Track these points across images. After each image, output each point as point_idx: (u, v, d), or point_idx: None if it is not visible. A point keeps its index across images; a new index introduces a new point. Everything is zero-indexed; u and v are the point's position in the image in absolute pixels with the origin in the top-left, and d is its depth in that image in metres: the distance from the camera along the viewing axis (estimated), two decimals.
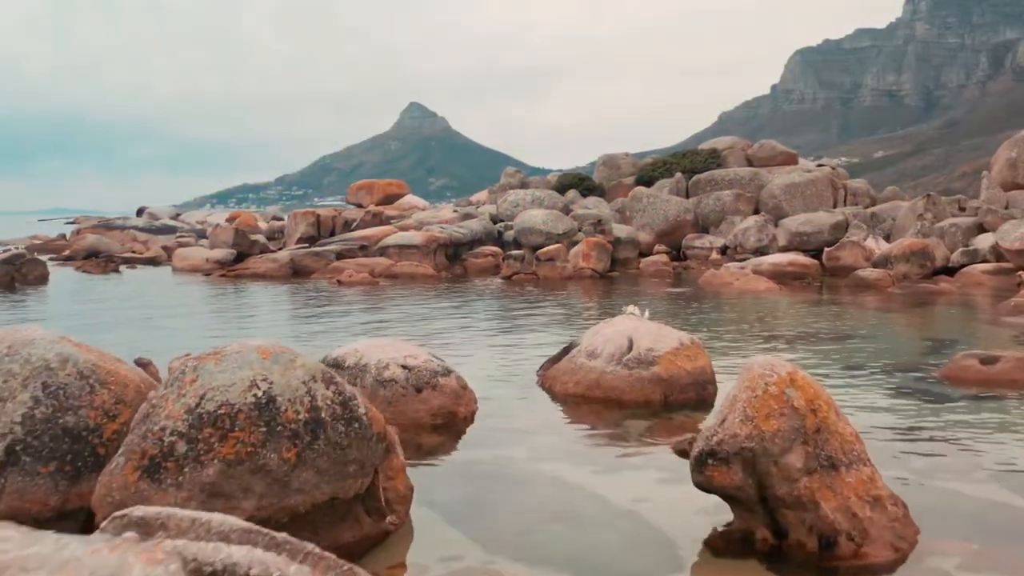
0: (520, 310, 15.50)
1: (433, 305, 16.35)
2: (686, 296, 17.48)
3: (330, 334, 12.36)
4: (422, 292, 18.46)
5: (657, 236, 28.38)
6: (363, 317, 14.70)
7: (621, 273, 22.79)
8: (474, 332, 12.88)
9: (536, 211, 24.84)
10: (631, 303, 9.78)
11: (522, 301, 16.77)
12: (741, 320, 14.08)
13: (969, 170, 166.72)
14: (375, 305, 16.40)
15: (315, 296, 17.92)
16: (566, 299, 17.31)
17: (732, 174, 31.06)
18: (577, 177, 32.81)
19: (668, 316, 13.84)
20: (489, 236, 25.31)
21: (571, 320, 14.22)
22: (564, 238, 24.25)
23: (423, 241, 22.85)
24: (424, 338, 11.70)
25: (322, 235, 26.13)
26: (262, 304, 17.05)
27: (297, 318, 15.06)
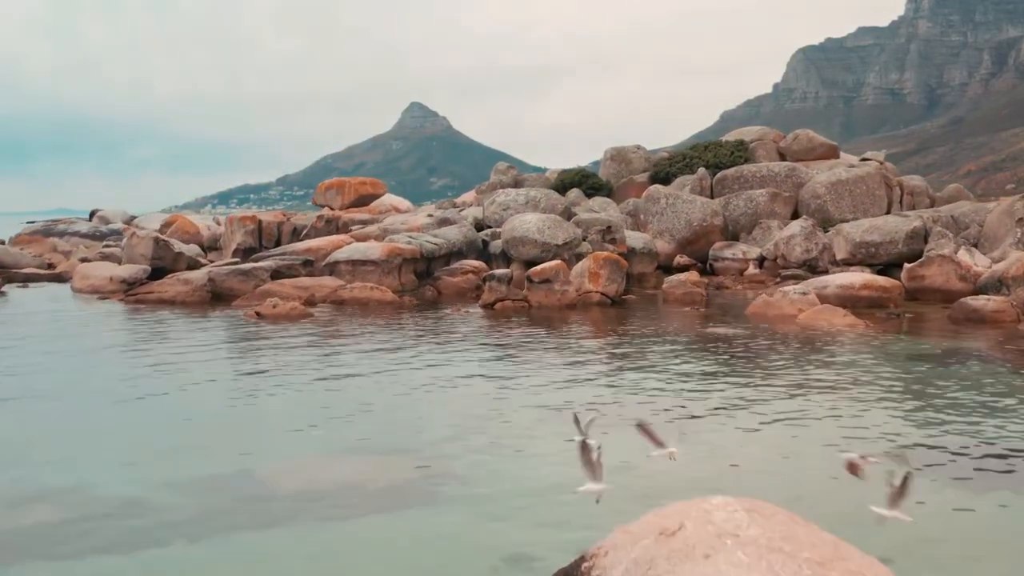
0: (499, 370, 10.03)
1: (372, 359, 10.86)
2: (736, 342, 11.96)
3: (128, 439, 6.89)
4: (368, 331, 12.98)
5: (678, 245, 22.86)
6: (226, 393, 9.20)
7: (637, 296, 17.27)
8: (417, 431, 7.39)
9: (530, 216, 19.34)
10: (588, 420, 3.88)
11: (504, 348, 11.34)
12: (863, 401, 8.56)
13: (975, 168, 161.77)
14: (281, 359, 10.92)
15: (205, 337, 12.47)
16: (569, 345, 11.81)
17: (764, 170, 25.53)
18: (580, 174, 27.26)
19: (728, 405, 8.35)
20: (471, 247, 19.82)
21: (579, 389, 8.73)
22: (565, 250, 18.75)
23: (383, 255, 17.37)
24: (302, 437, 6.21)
25: (264, 245, 20.68)
26: (94, 353, 11.56)
27: (114, 394, 9.55)
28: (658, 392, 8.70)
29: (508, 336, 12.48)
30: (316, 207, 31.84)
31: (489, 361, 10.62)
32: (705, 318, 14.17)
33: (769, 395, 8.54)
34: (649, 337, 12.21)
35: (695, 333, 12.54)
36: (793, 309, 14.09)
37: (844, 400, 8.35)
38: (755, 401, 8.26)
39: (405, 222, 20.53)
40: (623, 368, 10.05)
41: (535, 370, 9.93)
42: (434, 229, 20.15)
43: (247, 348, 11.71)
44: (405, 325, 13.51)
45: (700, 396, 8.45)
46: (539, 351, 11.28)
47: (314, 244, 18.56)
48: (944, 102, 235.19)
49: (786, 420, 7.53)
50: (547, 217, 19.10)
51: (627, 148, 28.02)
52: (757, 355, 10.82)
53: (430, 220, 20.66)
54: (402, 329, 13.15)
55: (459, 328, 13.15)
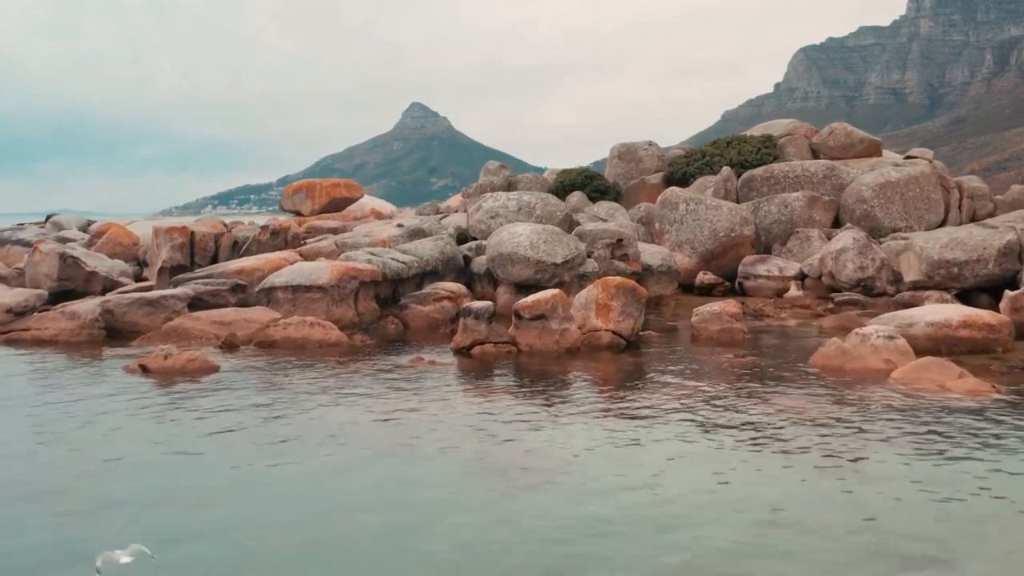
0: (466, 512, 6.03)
1: (251, 480, 6.83)
2: (821, 427, 7.89)
3: None
4: (279, 404, 8.92)
5: (701, 259, 18.80)
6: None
7: (657, 331, 13.17)
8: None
9: (522, 227, 15.27)
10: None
11: (478, 433, 7.33)
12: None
13: (978, 167, 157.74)
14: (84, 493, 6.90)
15: (11, 425, 8.44)
16: (568, 438, 7.78)
17: (799, 169, 21.46)
18: (584, 174, 23.18)
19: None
20: (450, 265, 15.77)
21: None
22: (565, 270, 14.69)
23: (333, 279, 13.30)
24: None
25: (197, 263, 16.62)
26: None
27: None
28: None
29: (482, 413, 8.42)
30: (290, 213, 27.85)
31: (444, 486, 6.57)
32: (757, 373, 10.09)
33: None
34: (687, 418, 8.14)
35: (755, 408, 8.47)
36: (879, 361, 10.01)
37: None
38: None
39: (369, 234, 16.44)
40: (663, 504, 5.99)
41: (519, 512, 5.87)
42: (404, 243, 16.09)
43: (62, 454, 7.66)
44: (343, 386, 9.44)
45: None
46: (523, 451, 7.22)
47: (248, 264, 14.48)
48: (946, 102, 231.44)
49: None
50: (543, 229, 15.04)
51: (637, 144, 23.92)
52: (863, 454, 6.78)
53: (400, 231, 16.59)
54: (337, 395, 9.08)
55: (411, 398, 9.07)
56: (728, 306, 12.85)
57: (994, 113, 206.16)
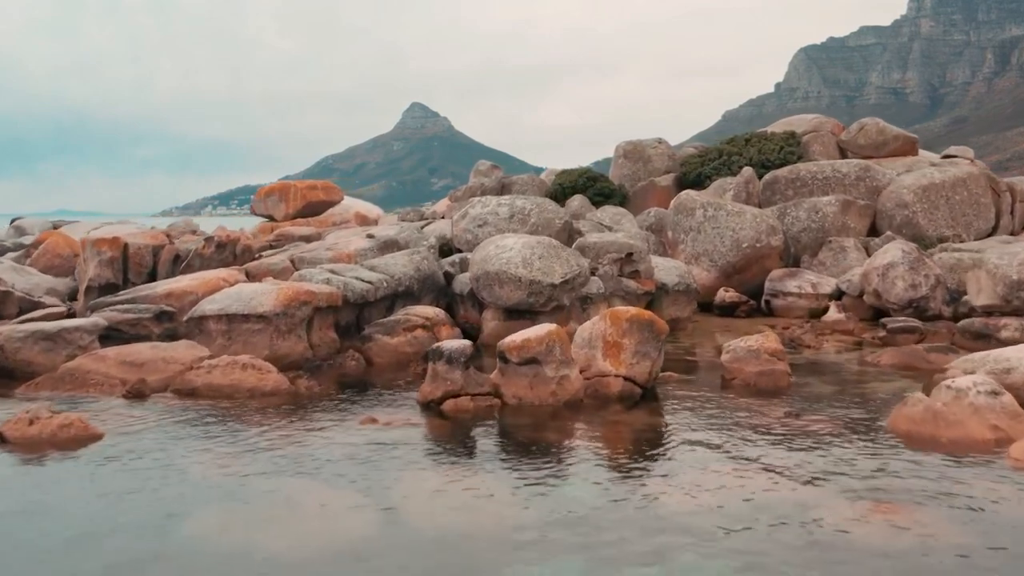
0: None
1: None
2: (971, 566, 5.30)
3: None
4: (169, 492, 6.31)
5: (721, 274, 16.14)
6: None
7: (678, 374, 10.47)
8: None
9: (512, 238, 12.61)
10: None
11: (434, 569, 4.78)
12: None
13: None
14: None
15: None
16: (572, 558, 5.15)
17: (828, 169, 18.80)
18: (586, 176, 20.51)
19: None
20: (428, 284, 13.10)
21: None
22: (564, 292, 12.02)
23: (278, 305, 10.64)
24: None
25: (132, 280, 13.95)
26: None
27: None
28: None
29: (438, 534, 5.78)
30: (266, 218, 25.22)
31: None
32: (823, 446, 7.42)
33: None
34: (746, 547, 5.49)
35: (852, 526, 5.81)
36: (984, 428, 7.35)
37: None
38: None
39: (332, 246, 13.75)
40: None
41: None
42: (374, 257, 13.43)
43: None
44: (246, 484, 6.79)
45: None
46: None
47: (178, 286, 11.80)
48: (947, 101, 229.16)
49: None
50: (537, 242, 12.36)
51: (645, 143, 21.25)
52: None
53: (370, 243, 13.91)
54: (224, 510, 6.43)
55: (340, 498, 6.42)
56: (767, 340, 10.17)
57: (995, 113, 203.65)
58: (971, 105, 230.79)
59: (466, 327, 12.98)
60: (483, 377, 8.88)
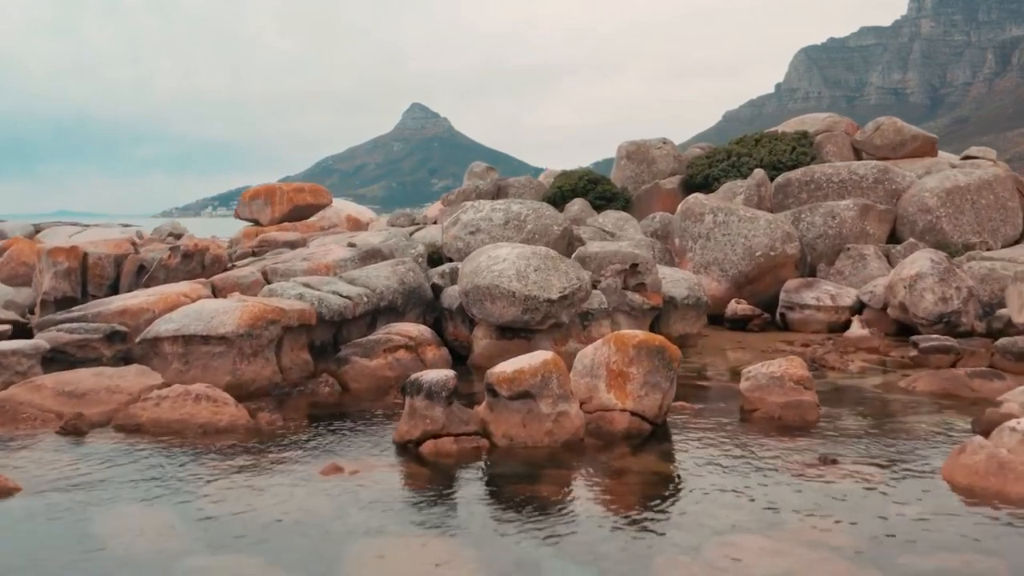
0: None
1: None
2: None
3: None
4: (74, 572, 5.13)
5: (733, 284, 14.93)
6: None
7: (690, 404, 9.26)
8: None
9: (506, 248, 11.39)
10: None
11: None
12: None
13: None
14: None
15: None
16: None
17: (844, 171, 17.58)
18: (586, 178, 19.29)
19: None
20: (413, 298, 11.88)
21: None
22: (563, 308, 10.79)
23: (242, 324, 9.43)
24: None
25: (92, 293, 12.74)
26: None
27: None
28: None
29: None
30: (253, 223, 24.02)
31: None
32: (864, 497, 6.24)
33: None
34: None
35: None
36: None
37: None
38: None
39: (309, 256, 12.53)
40: None
41: None
42: (354, 268, 12.21)
43: None
44: (189, 541, 5.59)
45: None
46: None
47: (133, 303, 10.59)
48: (947, 102, 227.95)
49: None
50: (533, 252, 11.13)
51: (649, 143, 20.02)
52: None
53: (351, 253, 12.68)
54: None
55: (296, 562, 5.23)
56: (791, 366, 8.93)
57: (996, 113, 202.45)
58: (972, 106, 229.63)
59: (455, 345, 11.78)
60: (469, 413, 7.65)
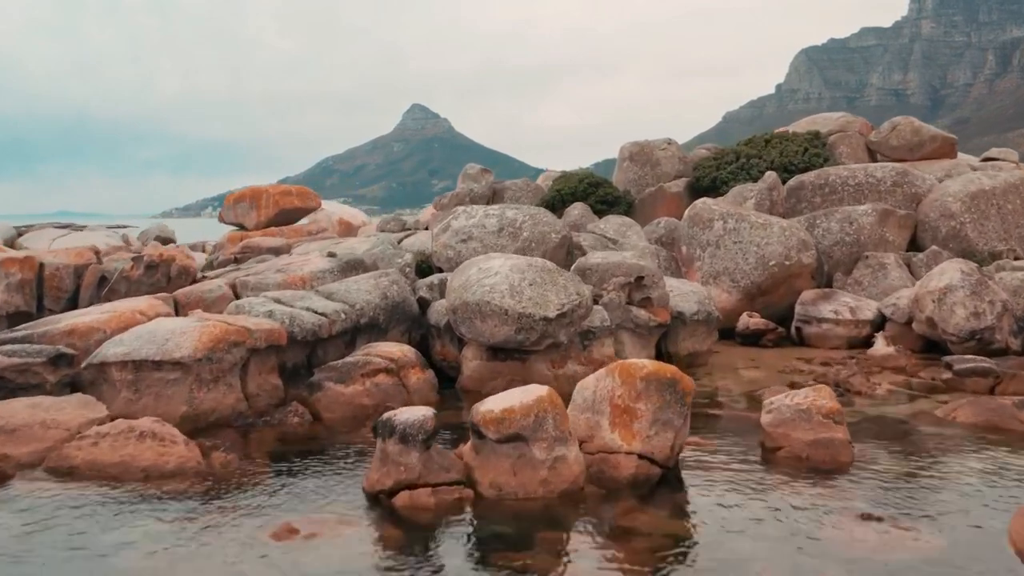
0: None
1: None
2: None
3: None
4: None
5: (745, 296, 13.82)
6: None
7: (704, 439, 8.16)
8: None
9: (499, 260, 10.28)
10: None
11: None
12: None
13: None
14: None
15: None
16: None
17: (860, 174, 16.46)
18: (587, 180, 18.18)
19: None
20: (397, 314, 10.77)
21: None
22: (562, 327, 9.68)
23: (201, 347, 8.34)
24: None
25: (48, 308, 11.64)
26: None
27: None
28: None
29: None
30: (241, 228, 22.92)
31: None
32: (908, 562, 5.16)
33: None
34: None
35: None
36: None
37: None
38: None
39: (285, 268, 11.41)
40: None
41: None
42: (333, 281, 11.10)
43: None
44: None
45: None
46: None
47: (82, 321, 9.50)
48: (948, 103, 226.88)
49: None
50: (528, 264, 10.02)
51: (653, 143, 18.91)
52: None
53: (331, 263, 11.57)
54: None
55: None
56: (819, 396, 7.82)
57: (996, 114, 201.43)
58: (972, 106, 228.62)
59: (443, 366, 10.68)
60: (449, 459, 6.54)
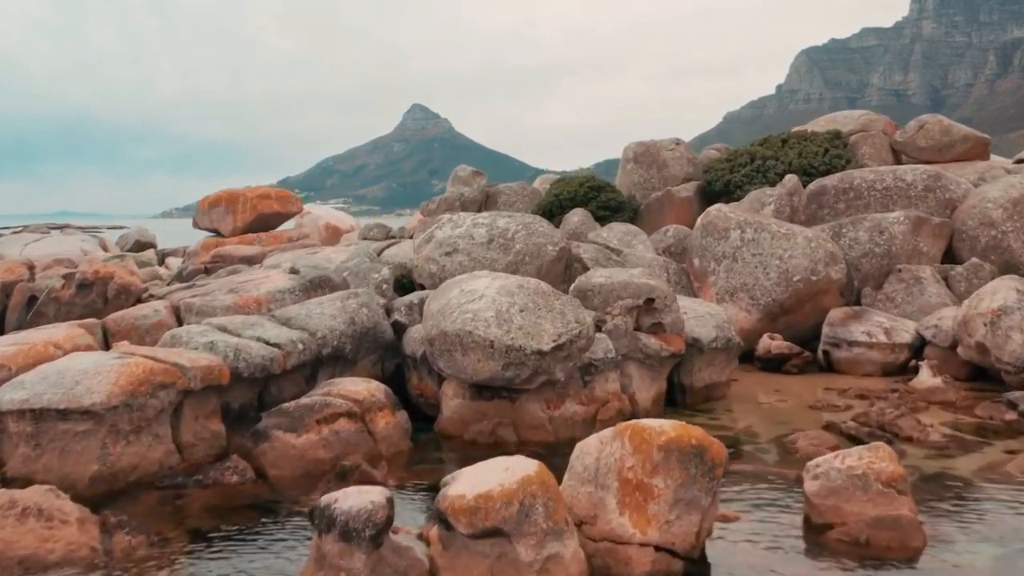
0: None
1: None
2: None
3: None
4: None
5: (766, 316, 12.20)
6: None
7: (731, 517, 6.61)
8: None
9: (484, 281, 8.67)
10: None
11: None
12: None
13: None
14: None
15: None
16: None
17: (890, 178, 14.85)
18: (588, 184, 16.55)
19: None
20: (368, 341, 9.17)
21: None
22: (557, 361, 8.06)
23: (118, 391, 6.80)
24: None
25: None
26: None
27: None
28: None
29: None
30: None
31: None
32: None
33: None
34: None
35: None
36: None
37: None
38: None
39: (239, 287, 9.81)
40: None
41: None
42: (294, 302, 9.52)
43: None
44: None
45: None
46: None
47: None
48: (949, 103, 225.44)
49: None
50: (519, 286, 8.41)
51: (660, 144, 17.30)
52: None
53: (292, 282, 9.97)
54: None
55: None
56: (876, 457, 6.21)
57: (997, 115, 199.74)
58: (973, 107, 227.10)
59: (420, 402, 9.11)
60: (409, 558, 4.95)
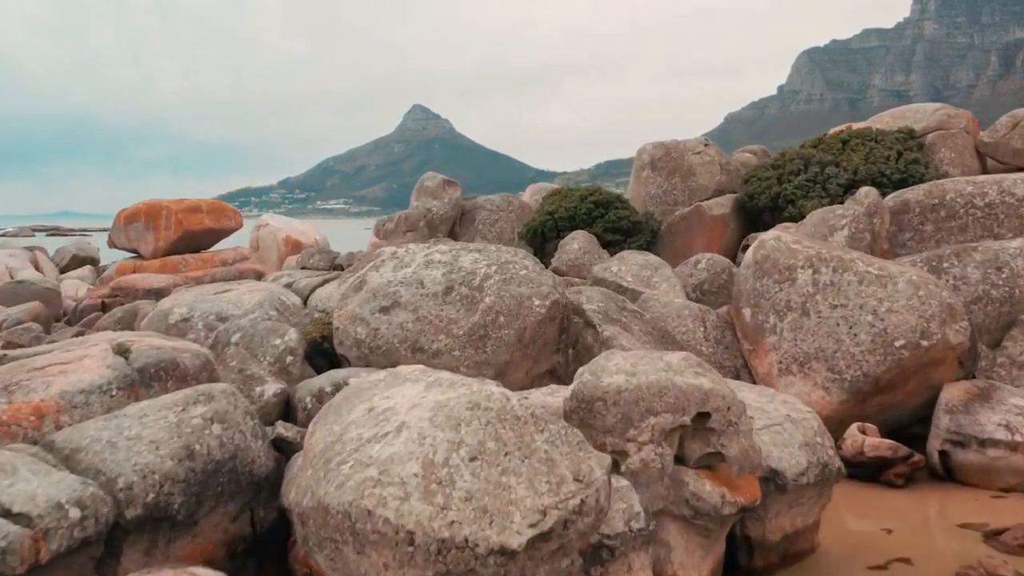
0: None
1: None
2: None
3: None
4: None
5: (853, 396, 8.17)
6: None
7: None
8: None
9: (408, 392, 4.74)
10: None
11: None
12: None
13: None
14: None
15: None
16: None
17: (993, 191, 10.83)
18: (592, 198, 12.46)
19: None
20: (218, 483, 5.21)
21: None
22: (541, 563, 4.13)
23: None
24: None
25: None
26: None
27: None
28: None
29: None
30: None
31: None
32: None
33: None
34: None
35: None
36: None
37: None
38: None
39: (16, 384, 5.88)
40: None
41: None
42: (102, 413, 5.59)
43: None
44: None
45: None
46: None
47: None
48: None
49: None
50: (469, 407, 4.45)
51: (685, 145, 13.28)
52: None
53: (105, 376, 6.03)
54: None
55: None
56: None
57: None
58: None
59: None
60: None
